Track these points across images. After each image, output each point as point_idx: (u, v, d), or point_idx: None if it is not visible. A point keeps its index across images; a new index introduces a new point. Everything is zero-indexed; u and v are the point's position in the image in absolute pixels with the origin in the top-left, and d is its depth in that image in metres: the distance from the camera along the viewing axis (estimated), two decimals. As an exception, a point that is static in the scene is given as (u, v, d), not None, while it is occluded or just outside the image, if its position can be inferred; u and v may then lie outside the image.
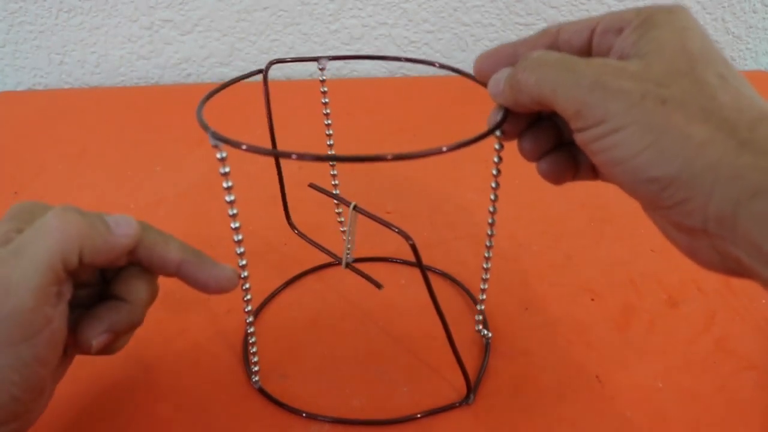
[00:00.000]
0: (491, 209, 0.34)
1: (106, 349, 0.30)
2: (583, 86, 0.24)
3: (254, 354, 0.36)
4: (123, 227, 0.28)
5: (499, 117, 0.29)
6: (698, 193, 0.22)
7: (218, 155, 0.28)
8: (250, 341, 0.36)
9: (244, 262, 0.32)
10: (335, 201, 0.40)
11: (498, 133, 0.30)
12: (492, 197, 0.33)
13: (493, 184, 0.32)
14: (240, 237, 0.31)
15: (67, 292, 0.27)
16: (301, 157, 0.25)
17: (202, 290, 0.31)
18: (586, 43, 0.27)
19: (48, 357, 0.26)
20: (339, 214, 0.44)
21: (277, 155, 0.27)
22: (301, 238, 0.42)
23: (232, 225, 0.31)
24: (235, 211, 0.30)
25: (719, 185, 0.22)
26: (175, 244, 0.30)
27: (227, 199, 0.30)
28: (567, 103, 0.25)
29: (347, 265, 0.36)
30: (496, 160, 0.32)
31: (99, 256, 0.27)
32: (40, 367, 0.26)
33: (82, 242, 0.26)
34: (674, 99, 0.23)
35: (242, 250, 0.32)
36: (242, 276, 0.32)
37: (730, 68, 0.24)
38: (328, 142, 0.41)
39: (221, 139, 0.27)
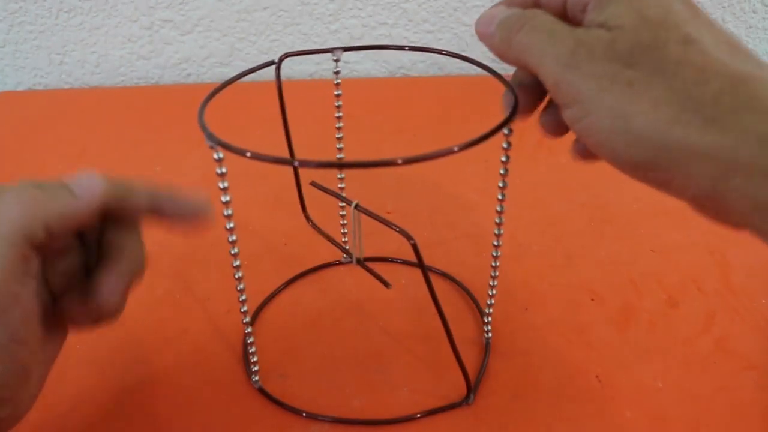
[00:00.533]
0: (499, 196, 0.33)
1: (121, 306, 0.29)
2: (561, 62, 0.24)
3: (254, 354, 0.36)
4: (86, 189, 0.28)
5: (510, 103, 0.29)
6: (677, 174, 0.22)
7: (215, 156, 0.28)
8: (249, 341, 0.36)
9: (237, 263, 0.32)
10: (338, 199, 0.40)
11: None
12: (501, 184, 0.32)
13: (502, 171, 0.32)
14: (234, 237, 0.31)
15: (35, 267, 0.27)
16: (321, 164, 0.25)
17: (179, 223, 0.30)
18: (561, 9, 0.27)
19: (23, 335, 0.26)
20: (342, 216, 0.44)
21: (285, 163, 0.26)
22: (318, 233, 0.42)
23: (227, 225, 0.31)
24: (230, 212, 0.30)
25: (693, 166, 0.22)
26: (140, 190, 0.30)
27: (223, 199, 0.30)
28: (547, 76, 0.25)
29: (358, 262, 0.37)
30: (504, 146, 0.30)
31: (67, 224, 0.27)
32: (18, 345, 0.26)
33: (46, 215, 0.26)
34: (640, 81, 0.23)
35: (236, 250, 0.31)
36: (237, 276, 0.32)
37: (698, 25, 0.23)
38: (337, 136, 0.40)
39: (221, 144, 0.27)
